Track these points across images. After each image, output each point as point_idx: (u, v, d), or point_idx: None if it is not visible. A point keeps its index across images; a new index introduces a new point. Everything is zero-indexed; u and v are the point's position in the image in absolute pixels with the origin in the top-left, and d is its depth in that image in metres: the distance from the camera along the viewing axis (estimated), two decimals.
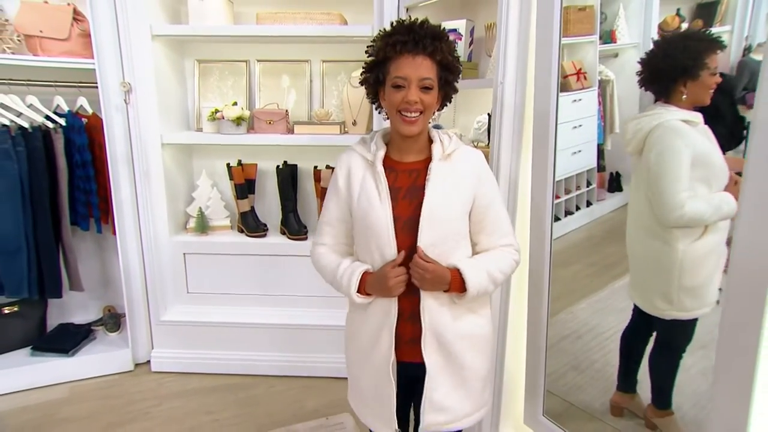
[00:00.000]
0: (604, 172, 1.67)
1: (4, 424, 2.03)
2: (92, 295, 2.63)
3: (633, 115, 1.39)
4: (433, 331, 1.12)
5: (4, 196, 2.17)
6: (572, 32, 1.62)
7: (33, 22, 2.10)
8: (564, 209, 1.73)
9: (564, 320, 1.80)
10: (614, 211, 1.68)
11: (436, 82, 1.09)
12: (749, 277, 0.96)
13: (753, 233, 0.94)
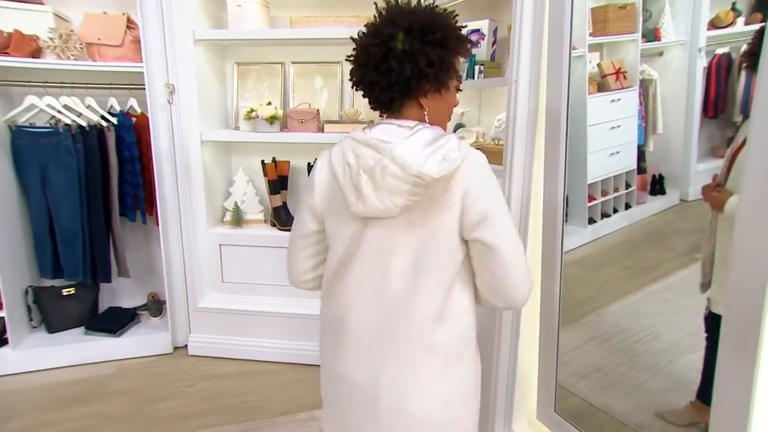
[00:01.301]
0: (646, 174, 1.64)
1: (61, 393, 2.29)
2: (139, 282, 2.89)
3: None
4: None
5: (66, 189, 2.45)
6: (611, 31, 1.64)
7: (93, 31, 2.36)
8: (600, 211, 1.75)
9: (592, 322, 1.82)
10: (656, 215, 1.67)
11: None
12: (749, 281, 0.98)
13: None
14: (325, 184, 1.04)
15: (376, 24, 1.00)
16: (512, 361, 1.74)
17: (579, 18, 1.71)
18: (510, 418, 1.79)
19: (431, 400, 1.02)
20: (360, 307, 1.03)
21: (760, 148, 0.96)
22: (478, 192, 0.96)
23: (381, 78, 0.98)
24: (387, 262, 1.00)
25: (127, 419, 2.11)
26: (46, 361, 2.49)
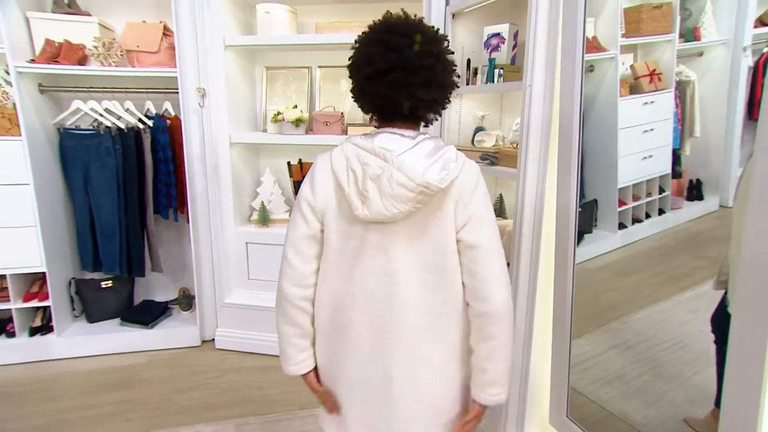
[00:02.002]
0: (681, 178, 1.60)
1: (99, 380, 2.46)
2: (171, 277, 3.06)
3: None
4: None
5: (105, 188, 2.63)
6: (645, 32, 1.62)
7: (132, 39, 2.53)
8: (631, 216, 1.73)
9: (617, 329, 1.81)
10: (692, 221, 1.63)
11: None
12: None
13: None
14: (327, 185, 1.08)
15: (387, 31, 1.05)
16: (525, 366, 1.76)
17: (610, 19, 1.71)
18: (522, 422, 1.81)
19: (441, 384, 1.12)
20: (366, 307, 1.07)
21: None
22: (469, 198, 1.04)
23: (389, 90, 1.02)
24: (390, 263, 1.05)
25: (157, 406, 2.25)
26: (85, 348, 2.68)
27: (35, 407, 2.24)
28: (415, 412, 1.11)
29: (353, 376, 1.12)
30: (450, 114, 2.24)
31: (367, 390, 1.12)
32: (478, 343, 1.08)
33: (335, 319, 1.12)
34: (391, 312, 1.07)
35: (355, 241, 1.07)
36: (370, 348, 1.09)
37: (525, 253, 1.69)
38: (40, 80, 2.53)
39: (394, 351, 1.08)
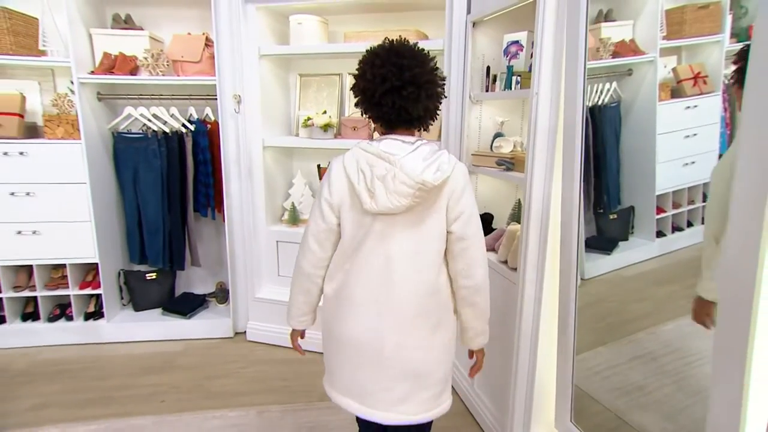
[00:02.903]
0: None
1: (140, 363, 2.71)
2: (209, 272, 3.30)
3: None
4: None
5: (152, 187, 2.89)
6: (688, 33, 1.61)
7: (178, 50, 2.78)
8: (671, 225, 1.71)
9: (642, 339, 1.81)
10: None
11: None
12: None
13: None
14: (341, 184, 1.29)
15: (396, 54, 1.23)
16: (531, 371, 1.80)
17: (650, 21, 1.71)
18: (529, 426, 1.85)
19: (424, 352, 1.35)
20: (368, 285, 1.31)
21: (749, 146, 0.98)
22: (459, 195, 1.28)
23: (403, 102, 1.22)
24: (390, 248, 1.28)
25: (189, 391, 2.46)
26: (130, 334, 2.96)
27: (86, 383, 2.51)
28: (399, 374, 1.34)
29: (353, 340, 1.35)
30: (470, 120, 2.30)
31: (363, 352, 1.35)
32: (465, 308, 1.36)
33: (343, 292, 1.34)
34: (386, 288, 1.29)
35: (364, 229, 1.28)
36: (368, 317, 1.32)
37: (531, 258, 1.73)
38: (98, 89, 2.83)
39: (387, 321, 1.31)
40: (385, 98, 1.22)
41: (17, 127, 2.66)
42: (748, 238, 0.97)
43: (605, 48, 1.73)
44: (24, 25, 2.64)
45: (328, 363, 1.49)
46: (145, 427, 2.15)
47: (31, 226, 2.73)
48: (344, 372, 1.41)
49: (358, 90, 1.28)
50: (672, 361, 1.69)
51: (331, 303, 1.39)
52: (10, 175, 2.66)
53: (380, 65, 1.22)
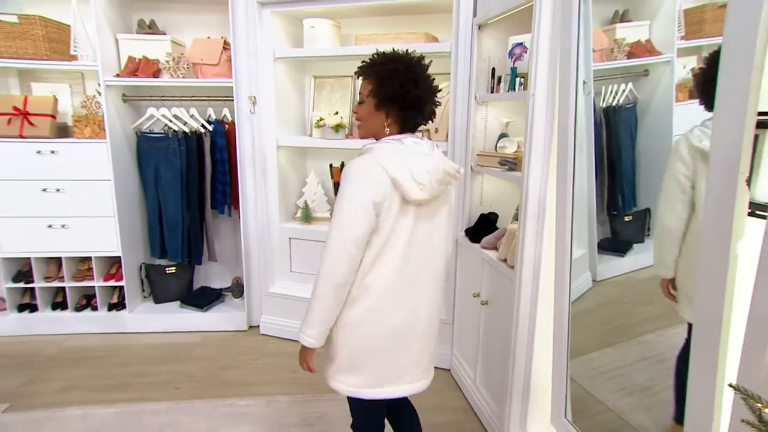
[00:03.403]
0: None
1: (158, 352, 2.86)
2: (227, 267, 3.43)
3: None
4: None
5: (171, 185, 3.04)
6: (709, 33, 1.63)
7: (197, 53, 2.91)
8: None
9: (650, 341, 1.82)
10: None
11: (367, 97, 1.39)
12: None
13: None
14: (385, 183, 1.31)
15: (414, 68, 1.37)
16: (527, 367, 1.84)
17: (667, 21, 1.73)
18: (525, 421, 1.89)
19: (437, 317, 1.55)
20: (418, 266, 1.42)
21: (720, 138, 1.02)
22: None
23: (429, 107, 1.41)
24: (431, 228, 1.43)
25: (202, 380, 2.58)
26: (150, 325, 3.11)
27: (108, 370, 2.67)
28: (430, 343, 1.52)
29: (405, 323, 1.44)
30: (476, 120, 2.35)
31: (410, 333, 1.45)
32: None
33: (399, 280, 1.40)
34: (428, 267, 1.44)
35: (409, 217, 1.37)
36: (415, 297, 1.44)
37: (528, 256, 1.77)
38: (123, 91, 2.99)
39: (423, 295, 1.45)
40: (411, 105, 1.36)
41: (50, 127, 2.84)
42: (721, 244, 1.00)
43: (620, 49, 1.75)
44: (57, 32, 2.82)
45: (361, 363, 1.45)
46: (159, 412, 2.28)
47: (61, 221, 2.91)
48: (386, 362, 1.44)
49: (388, 94, 1.35)
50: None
51: (382, 299, 1.38)
52: (42, 172, 2.84)
53: (402, 79, 1.34)
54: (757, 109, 0.98)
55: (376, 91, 1.36)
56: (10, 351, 2.86)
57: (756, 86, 0.95)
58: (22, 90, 3.06)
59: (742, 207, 1.01)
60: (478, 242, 2.25)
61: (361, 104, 1.40)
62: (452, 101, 2.41)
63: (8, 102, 2.82)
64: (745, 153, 0.99)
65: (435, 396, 2.44)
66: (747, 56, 0.95)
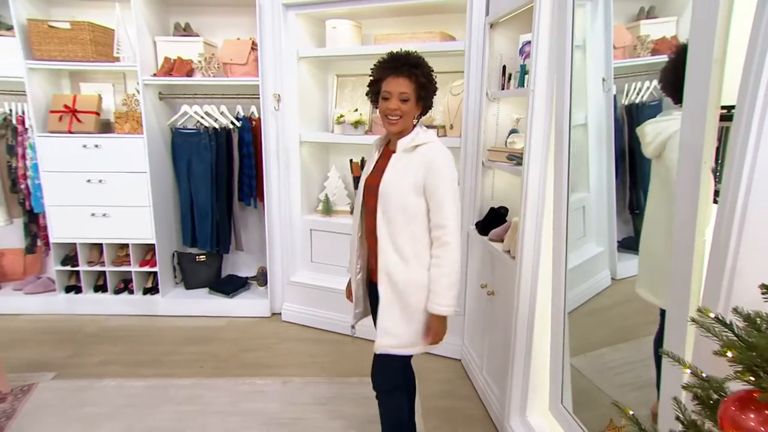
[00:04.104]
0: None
1: (187, 334, 3.07)
2: (253, 257, 3.62)
3: (651, 119, 1.49)
4: (384, 269, 1.56)
5: (202, 177, 3.25)
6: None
7: (227, 53, 3.11)
8: None
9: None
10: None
11: (412, 96, 1.50)
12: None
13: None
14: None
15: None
16: (527, 356, 1.91)
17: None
18: (525, 407, 1.96)
19: None
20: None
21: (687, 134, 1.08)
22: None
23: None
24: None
25: (225, 360, 2.77)
26: (181, 309, 3.34)
27: (141, 348, 2.90)
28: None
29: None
30: (487, 117, 2.43)
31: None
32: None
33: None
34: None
35: None
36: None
37: (528, 246, 1.84)
38: (160, 90, 3.23)
39: None
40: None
41: (94, 124, 3.11)
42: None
43: (643, 45, 1.79)
44: (103, 36, 3.08)
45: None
46: (185, 387, 2.47)
47: (102, 209, 3.17)
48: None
49: (428, 93, 1.56)
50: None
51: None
52: (86, 164, 3.11)
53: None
54: (719, 101, 1.04)
55: (418, 90, 1.51)
56: (59, 327, 3.14)
57: (717, 79, 1.01)
58: (72, 89, 3.35)
59: (707, 195, 1.06)
60: (487, 235, 2.32)
61: (406, 102, 1.51)
62: (465, 98, 2.50)
63: (60, 101, 3.10)
64: (708, 143, 1.05)
65: (444, 384, 2.54)
66: (707, 49, 1.01)
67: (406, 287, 1.55)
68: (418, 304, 1.56)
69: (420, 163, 1.52)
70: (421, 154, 1.53)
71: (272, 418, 2.23)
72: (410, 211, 1.52)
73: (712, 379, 0.77)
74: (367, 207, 1.65)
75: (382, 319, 1.59)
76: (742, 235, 0.91)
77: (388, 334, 1.59)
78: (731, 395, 0.68)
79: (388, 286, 1.57)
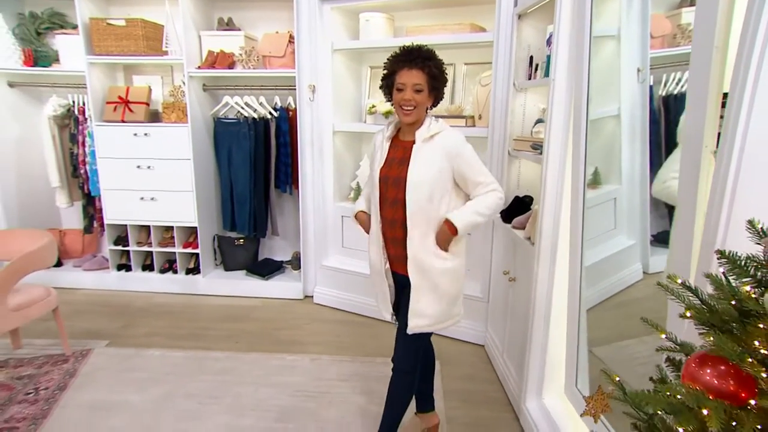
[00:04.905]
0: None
1: (224, 312, 3.29)
2: (288, 242, 3.81)
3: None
4: (413, 257, 1.64)
5: (242, 165, 3.45)
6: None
7: (266, 46, 3.28)
8: None
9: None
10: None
11: (425, 87, 1.58)
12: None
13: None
14: None
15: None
16: (544, 340, 1.97)
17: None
18: (541, 390, 2.02)
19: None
20: None
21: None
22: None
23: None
24: None
25: (258, 336, 2.95)
26: (220, 289, 3.56)
27: (182, 323, 3.13)
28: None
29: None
30: (514, 106, 2.47)
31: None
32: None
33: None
34: None
35: None
36: None
37: (546, 230, 1.90)
38: (204, 81, 3.44)
39: None
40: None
41: (144, 113, 3.35)
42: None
43: (684, 34, 1.81)
44: (153, 31, 3.31)
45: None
46: (221, 359, 2.67)
47: (150, 194, 3.42)
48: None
49: (440, 84, 1.66)
50: None
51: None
52: (137, 151, 3.36)
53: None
54: (722, 87, 1.08)
55: (431, 81, 1.60)
56: (112, 302, 3.43)
57: (718, 65, 1.05)
58: (126, 81, 3.62)
59: (708, 177, 1.10)
60: (510, 223, 2.38)
61: (420, 93, 1.60)
62: (493, 88, 2.55)
63: (115, 92, 3.36)
64: (710, 127, 1.09)
65: (467, 368, 2.62)
66: (709, 37, 1.05)
67: (433, 271, 1.65)
68: (445, 286, 1.68)
69: (442, 151, 1.61)
70: (440, 142, 1.62)
71: (300, 391, 2.38)
72: (437, 198, 1.62)
73: (685, 344, 0.83)
74: (387, 198, 1.69)
75: (414, 302, 1.69)
76: (732, 210, 0.96)
77: (420, 316, 1.69)
78: (693, 354, 0.75)
79: (417, 273, 1.67)
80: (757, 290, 0.68)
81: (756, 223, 0.73)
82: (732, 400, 0.68)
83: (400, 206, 1.65)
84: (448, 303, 1.71)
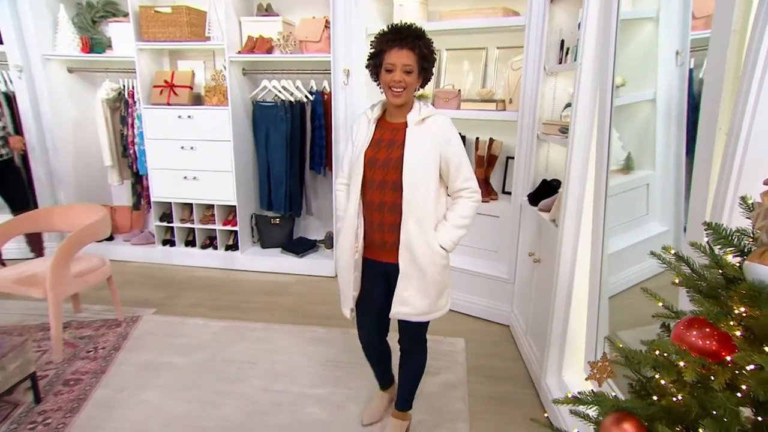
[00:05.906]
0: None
1: (261, 287, 3.49)
2: (322, 222, 3.96)
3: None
4: (407, 243, 1.65)
5: (278, 146, 3.60)
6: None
7: (303, 31, 3.39)
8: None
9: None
10: None
11: (415, 67, 1.57)
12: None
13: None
14: None
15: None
16: (565, 318, 2.03)
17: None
18: (561, 366, 2.09)
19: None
20: None
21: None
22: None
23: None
24: None
25: (293, 310, 3.13)
26: (257, 265, 3.76)
27: (222, 295, 3.35)
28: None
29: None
30: (544, 91, 2.51)
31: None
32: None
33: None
34: None
35: None
36: None
37: (570, 210, 1.95)
38: (243, 66, 3.60)
39: None
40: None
41: (188, 97, 3.55)
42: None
43: None
44: (197, 18, 3.48)
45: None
46: (257, 329, 2.86)
47: (193, 173, 3.64)
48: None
49: (430, 64, 1.62)
50: None
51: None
52: (181, 133, 3.57)
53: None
54: (739, 71, 1.11)
55: (421, 61, 1.57)
56: (157, 274, 3.69)
57: (736, 49, 1.09)
58: (171, 66, 3.82)
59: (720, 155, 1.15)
60: (537, 206, 2.44)
61: (410, 74, 1.56)
62: (524, 73, 2.58)
63: (161, 77, 3.57)
64: (725, 110, 1.13)
65: (491, 346, 2.71)
66: (727, 19, 1.09)
67: (424, 258, 1.64)
68: (434, 275, 1.68)
69: (433, 135, 1.60)
70: (430, 126, 1.61)
71: (330, 361, 2.54)
72: (431, 181, 1.61)
73: (680, 312, 0.90)
74: (374, 180, 1.65)
75: (401, 289, 1.69)
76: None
77: (404, 304, 1.70)
78: (683, 318, 0.82)
79: (408, 260, 1.65)
80: (740, 258, 0.74)
81: (747, 198, 0.80)
82: (714, 359, 0.76)
83: (389, 189, 1.61)
84: (436, 293, 1.71)
